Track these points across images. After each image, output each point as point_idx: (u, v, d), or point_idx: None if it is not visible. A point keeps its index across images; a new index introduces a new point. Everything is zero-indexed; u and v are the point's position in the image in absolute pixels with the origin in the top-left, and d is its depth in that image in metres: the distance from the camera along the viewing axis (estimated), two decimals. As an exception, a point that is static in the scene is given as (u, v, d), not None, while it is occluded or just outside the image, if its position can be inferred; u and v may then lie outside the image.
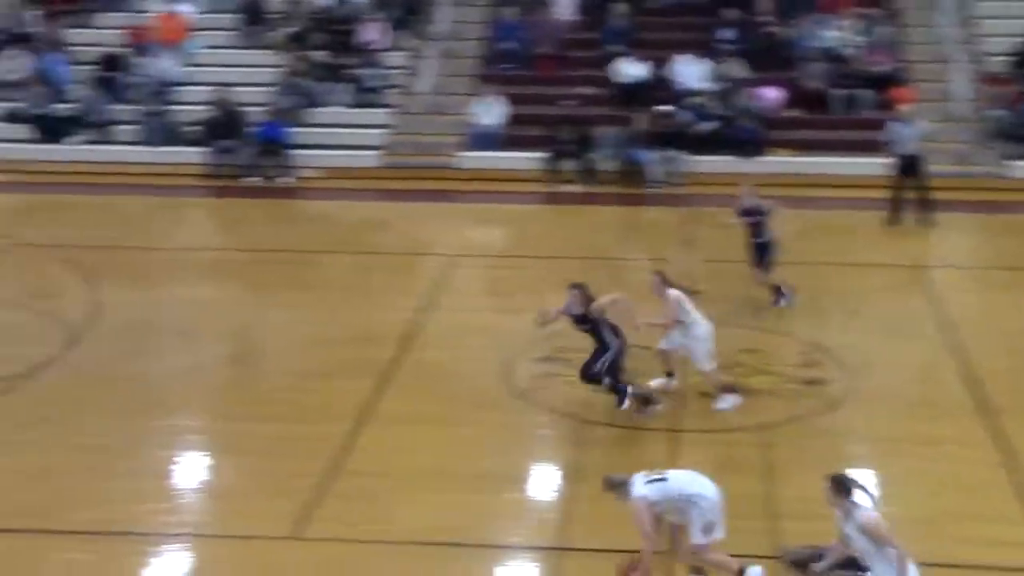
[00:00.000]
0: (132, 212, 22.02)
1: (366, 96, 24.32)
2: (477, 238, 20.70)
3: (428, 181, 22.86)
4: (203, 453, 13.08)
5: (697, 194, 21.91)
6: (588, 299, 13.19)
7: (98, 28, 25.99)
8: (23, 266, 18.80)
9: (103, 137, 23.77)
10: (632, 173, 22.75)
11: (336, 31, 25.28)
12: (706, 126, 23.32)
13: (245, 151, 23.02)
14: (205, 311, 16.99)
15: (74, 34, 25.70)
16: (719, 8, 25.30)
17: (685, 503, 9.77)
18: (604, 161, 23.03)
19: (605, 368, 13.20)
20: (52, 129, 23.67)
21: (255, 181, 22.83)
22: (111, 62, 24.65)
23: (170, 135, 23.63)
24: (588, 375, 13.32)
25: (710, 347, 13.47)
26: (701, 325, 13.45)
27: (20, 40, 24.87)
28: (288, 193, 22.65)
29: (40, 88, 23.90)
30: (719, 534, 9.80)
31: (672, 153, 22.73)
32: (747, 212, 16.27)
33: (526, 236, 20.72)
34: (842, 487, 9.23)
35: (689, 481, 9.87)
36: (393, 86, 24.71)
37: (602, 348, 13.23)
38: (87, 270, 18.03)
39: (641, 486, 9.72)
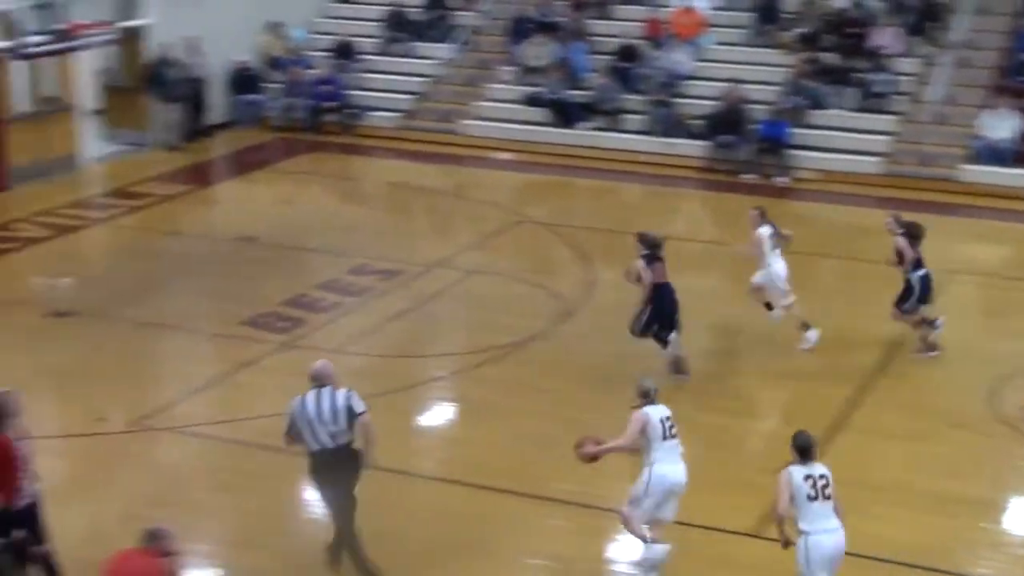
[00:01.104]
0: (632, 199, 22.89)
1: (873, 101, 24.00)
2: (975, 255, 20.03)
3: (928, 192, 22.28)
4: (675, 439, 13.52)
5: None
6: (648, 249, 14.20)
7: (619, 20, 27.01)
8: (527, 242, 19.96)
9: (613, 125, 24.75)
10: None
11: (848, 34, 25.07)
12: None
13: (746, 148, 23.34)
14: (689, 301, 17.43)
15: (596, 24, 26.86)
16: None
17: (646, 456, 10.41)
18: None
19: (641, 325, 14.33)
20: (567, 114, 24.89)
21: (752, 178, 23.11)
22: (627, 53, 25.60)
23: (675, 127, 24.31)
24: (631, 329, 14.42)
25: (781, 287, 15.21)
26: (775, 265, 15.16)
27: (547, 28, 26.26)
28: (783, 192, 22.76)
29: (560, 75, 25.15)
30: (639, 510, 10.46)
31: None
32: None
33: (1028, 258, 19.87)
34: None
35: (668, 454, 10.47)
36: (902, 93, 24.25)
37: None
38: (584, 250, 18.96)
39: (655, 412, 10.45)
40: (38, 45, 19.29)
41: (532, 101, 25.32)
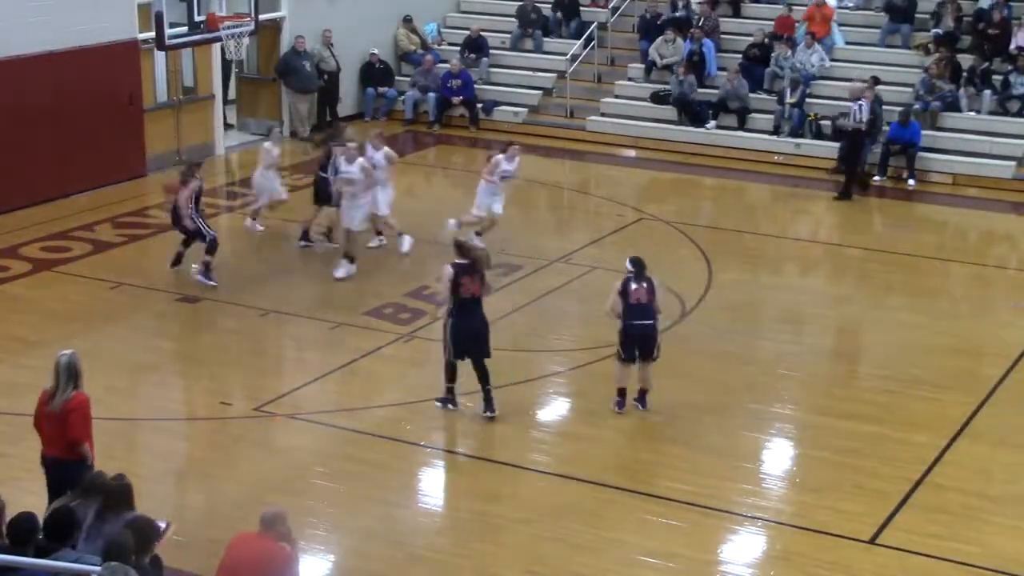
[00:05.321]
0: (756, 198, 22.69)
1: (1010, 104, 23.43)
2: None
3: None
4: (791, 442, 13.43)
5: None
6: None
7: (749, 18, 26.78)
8: (649, 239, 19.80)
9: (740, 124, 24.55)
10: None
11: (988, 35, 24.50)
12: None
13: (875, 149, 22.95)
14: (811, 302, 17.37)
15: (727, 22, 26.65)
16: None
17: None
18: None
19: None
20: (694, 112, 24.75)
21: (880, 180, 22.74)
22: (757, 51, 25.35)
23: (803, 127, 24.03)
24: None
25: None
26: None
27: (677, 25, 26.11)
28: (911, 195, 22.39)
29: (688, 72, 24.98)
30: None
31: None
32: None
33: None
34: None
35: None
36: (1043, 96, 23.65)
37: None
38: (706, 248, 18.86)
39: None
40: (178, 36, 19.73)
41: (658, 98, 25.23)
